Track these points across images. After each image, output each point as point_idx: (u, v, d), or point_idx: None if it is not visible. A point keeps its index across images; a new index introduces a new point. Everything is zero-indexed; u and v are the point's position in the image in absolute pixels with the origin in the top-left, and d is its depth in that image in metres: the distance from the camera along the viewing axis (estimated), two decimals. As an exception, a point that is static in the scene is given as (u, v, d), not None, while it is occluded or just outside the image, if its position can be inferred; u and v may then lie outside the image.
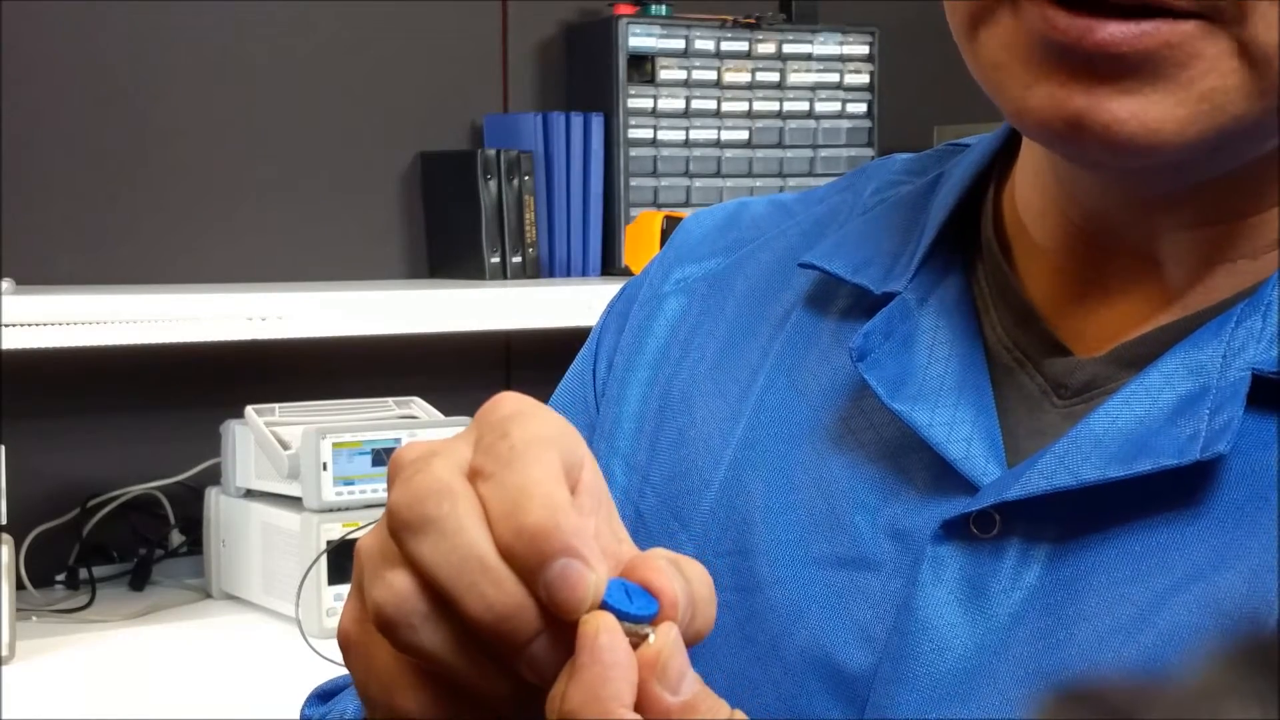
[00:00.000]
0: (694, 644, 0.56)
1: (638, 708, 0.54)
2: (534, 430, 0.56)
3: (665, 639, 0.55)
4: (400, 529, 0.55)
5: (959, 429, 0.71)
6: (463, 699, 0.57)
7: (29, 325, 2.00)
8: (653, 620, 0.55)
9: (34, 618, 2.13)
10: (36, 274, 2.27)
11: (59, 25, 2.34)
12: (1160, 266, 0.71)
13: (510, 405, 0.57)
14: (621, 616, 0.54)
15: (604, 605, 0.54)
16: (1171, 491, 0.67)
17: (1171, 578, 0.66)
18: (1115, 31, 0.63)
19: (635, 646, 0.54)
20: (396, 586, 0.55)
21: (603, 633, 0.54)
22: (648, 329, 0.85)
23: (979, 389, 0.72)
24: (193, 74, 2.44)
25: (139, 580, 2.29)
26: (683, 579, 0.56)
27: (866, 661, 0.70)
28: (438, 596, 0.55)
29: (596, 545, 0.55)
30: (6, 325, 1.97)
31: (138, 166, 2.40)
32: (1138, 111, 0.64)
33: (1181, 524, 0.67)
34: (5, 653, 1.93)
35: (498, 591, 0.54)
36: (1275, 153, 0.68)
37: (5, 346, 1.98)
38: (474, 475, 0.56)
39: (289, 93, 2.51)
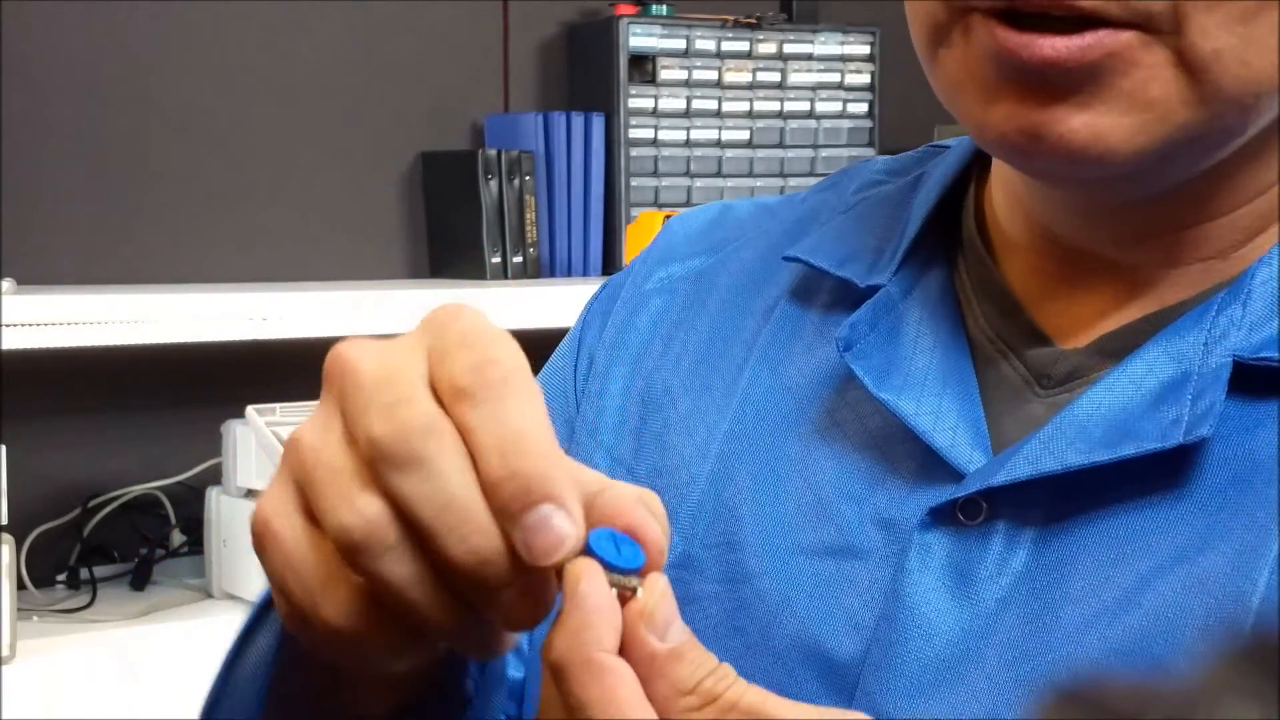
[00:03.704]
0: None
1: (626, 654, 0.54)
2: (516, 360, 0.55)
3: (653, 590, 0.55)
4: (383, 462, 0.54)
5: (945, 418, 0.72)
6: (390, 615, 0.56)
7: (29, 325, 2.00)
8: (640, 571, 0.55)
9: (35, 618, 2.13)
10: (36, 274, 2.27)
11: (59, 25, 2.34)
12: (1131, 269, 0.73)
13: (470, 317, 0.56)
14: (609, 567, 0.55)
15: (591, 554, 0.55)
16: (1155, 475, 0.68)
17: (1156, 559, 0.67)
18: (1059, 45, 0.65)
19: (625, 599, 0.55)
20: (368, 513, 0.54)
21: (584, 579, 0.54)
22: (630, 325, 0.86)
23: (963, 379, 0.74)
24: (193, 74, 2.44)
25: (140, 580, 2.29)
26: (658, 520, 0.56)
27: (855, 649, 0.71)
28: (410, 529, 0.54)
29: (579, 499, 0.55)
30: (6, 325, 1.97)
31: (138, 166, 2.40)
32: (1089, 123, 0.66)
33: (1165, 507, 0.68)
34: (6, 653, 1.93)
35: (480, 536, 0.54)
36: (1228, 160, 0.70)
37: (5, 346, 1.98)
38: (458, 397, 0.55)
39: (290, 92, 2.51)
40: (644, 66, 2.61)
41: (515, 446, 0.54)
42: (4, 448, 1.94)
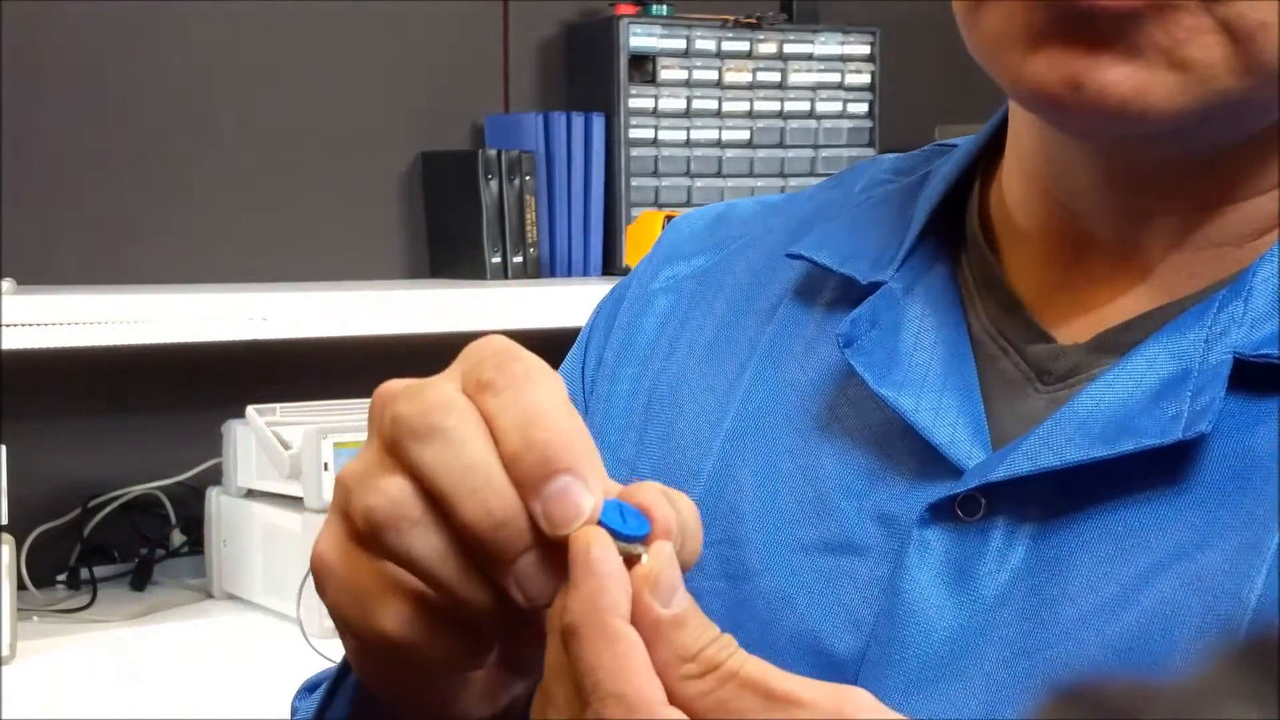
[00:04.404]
0: (682, 571, 0.58)
1: (630, 620, 0.55)
2: (539, 361, 0.58)
3: (659, 555, 0.56)
4: (406, 436, 0.57)
5: (945, 414, 0.72)
6: (440, 615, 0.59)
7: (29, 325, 2.00)
8: (644, 540, 0.56)
9: (35, 618, 2.13)
10: (36, 274, 2.27)
11: (59, 25, 2.34)
12: (1143, 253, 0.73)
13: (504, 340, 0.59)
14: (615, 535, 0.56)
15: (599, 524, 0.56)
16: (1154, 471, 0.68)
17: (1154, 556, 0.67)
18: None
19: (630, 565, 0.56)
20: (391, 491, 0.57)
21: (594, 546, 0.55)
22: (637, 326, 0.86)
23: (964, 375, 0.74)
24: (193, 74, 2.44)
25: (140, 580, 2.29)
26: (673, 507, 0.58)
27: (854, 645, 0.71)
28: (432, 503, 0.57)
29: (598, 471, 0.56)
30: (6, 325, 1.97)
31: (138, 166, 2.40)
32: (1130, 75, 0.66)
33: (1164, 503, 0.68)
34: (6, 653, 1.93)
35: (498, 499, 0.56)
36: (1259, 139, 0.70)
37: (5, 346, 1.98)
38: (480, 389, 0.57)
39: (289, 92, 2.51)
40: (644, 66, 2.61)
41: (534, 422, 0.56)
42: (4, 448, 1.94)
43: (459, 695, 0.62)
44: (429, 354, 2.91)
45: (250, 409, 2.16)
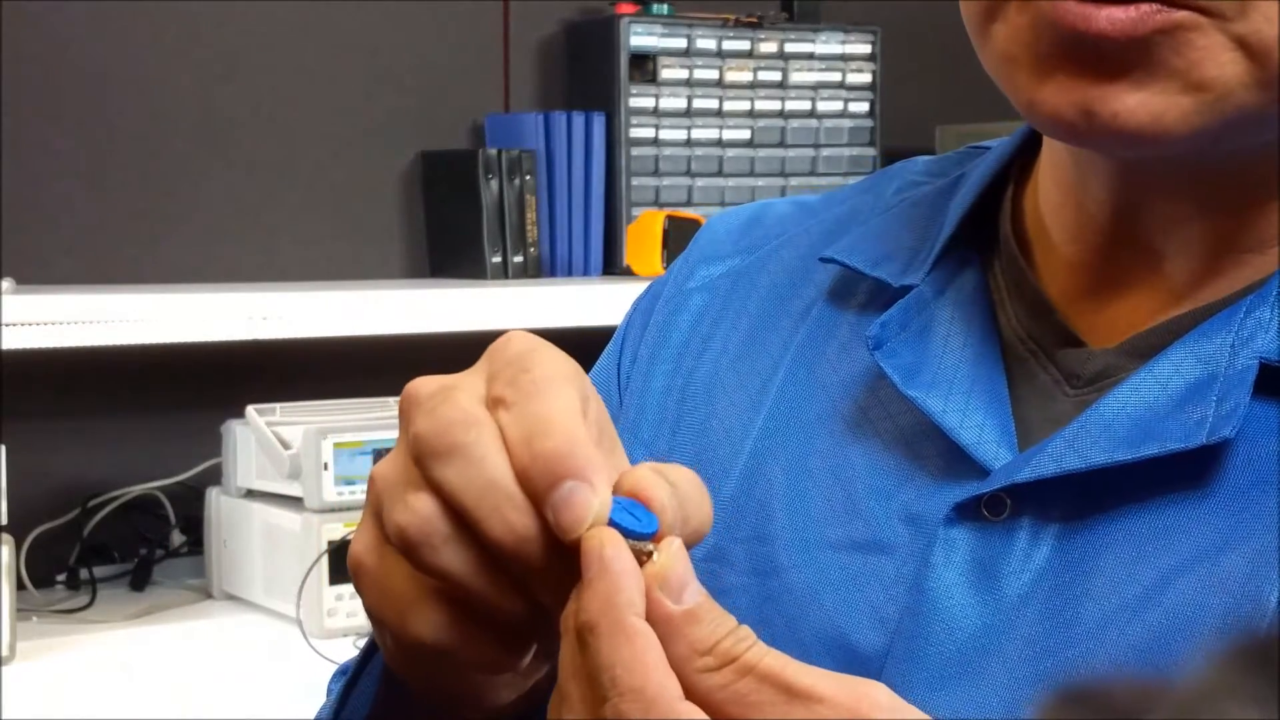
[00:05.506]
0: (695, 544, 0.58)
1: (643, 618, 0.56)
2: (553, 368, 0.59)
3: (667, 551, 0.57)
4: (426, 455, 0.58)
5: (972, 416, 0.73)
6: (476, 620, 0.60)
7: (29, 325, 2.00)
8: (655, 536, 0.57)
9: (34, 618, 2.13)
10: (36, 274, 2.27)
11: (59, 25, 2.34)
12: (1169, 258, 0.73)
13: (524, 342, 0.60)
14: (626, 534, 0.56)
15: (612, 525, 0.56)
16: (1178, 475, 0.68)
17: (1177, 558, 0.68)
18: (1115, 16, 0.65)
19: (641, 563, 0.56)
20: (419, 509, 0.58)
21: (608, 545, 0.56)
22: (672, 323, 0.86)
23: (992, 378, 0.74)
24: (193, 74, 2.44)
25: (139, 580, 2.29)
26: (671, 487, 0.58)
27: (879, 642, 0.72)
28: (459, 519, 0.58)
29: (607, 474, 0.57)
30: (6, 325, 1.97)
31: (137, 167, 2.40)
32: (1145, 101, 0.66)
33: (1188, 506, 0.68)
34: (5, 653, 1.93)
35: (519, 515, 0.57)
36: (1277, 144, 0.70)
37: (5, 346, 1.98)
38: (495, 404, 0.58)
39: (290, 92, 2.51)
40: (645, 66, 2.61)
41: (539, 433, 0.57)
42: (4, 448, 1.94)
43: (491, 686, 0.63)
44: (429, 354, 2.90)
45: (250, 409, 2.16)
